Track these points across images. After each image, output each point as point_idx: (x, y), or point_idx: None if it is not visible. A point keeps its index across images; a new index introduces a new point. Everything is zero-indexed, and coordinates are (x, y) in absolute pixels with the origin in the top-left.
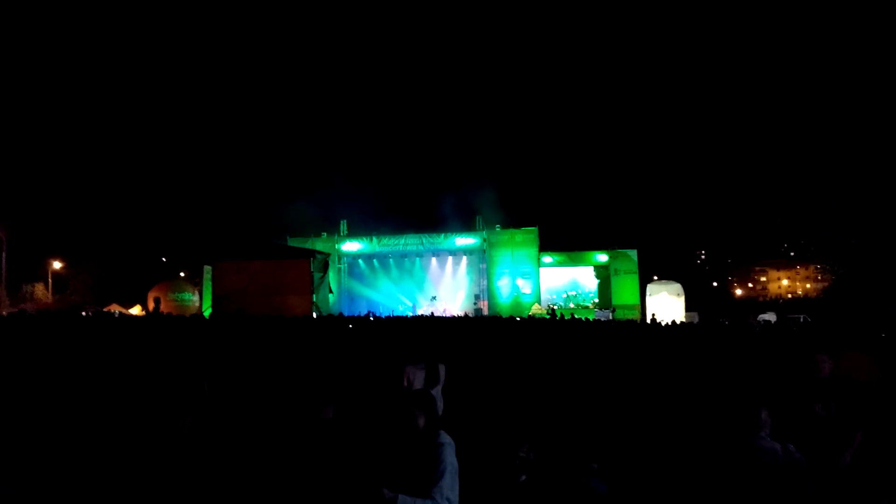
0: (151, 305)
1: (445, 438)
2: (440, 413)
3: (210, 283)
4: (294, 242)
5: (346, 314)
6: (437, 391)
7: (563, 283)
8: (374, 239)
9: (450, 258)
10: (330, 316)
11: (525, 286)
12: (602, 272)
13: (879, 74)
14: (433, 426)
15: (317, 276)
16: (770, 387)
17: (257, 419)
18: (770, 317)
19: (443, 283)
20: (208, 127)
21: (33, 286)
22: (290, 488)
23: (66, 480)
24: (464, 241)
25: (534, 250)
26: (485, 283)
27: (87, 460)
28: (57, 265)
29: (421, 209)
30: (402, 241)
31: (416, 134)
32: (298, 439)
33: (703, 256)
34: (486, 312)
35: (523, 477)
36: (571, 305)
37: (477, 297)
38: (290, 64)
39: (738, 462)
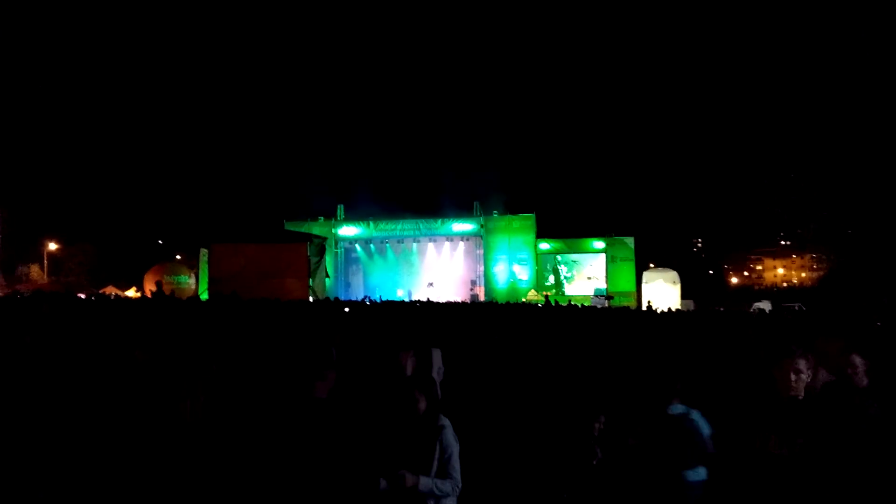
0: (153, 288)
1: (445, 421)
2: (439, 397)
3: (206, 265)
4: (290, 226)
5: (342, 298)
6: (432, 375)
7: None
8: (371, 224)
9: (447, 243)
10: (326, 300)
11: (521, 272)
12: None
13: (877, 67)
14: (433, 409)
15: (313, 260)
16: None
17: (251, 400)
18: (765, 305)
19: (439, 268)
20: (206, 110)
21: (29, 267)
22: (283, 467)
23: (67, 464)
24: (461, 226)
25: (531, 237)
26: (481, 268)
27: (87, 443)
28: (52, 246)
29: (418, 194)
30: (399, 225)
31: (415, 119)
32: (291, 419)
33: (699, 244)
34: (482, 298)
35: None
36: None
37: (473, 282)
38: (290, 48)
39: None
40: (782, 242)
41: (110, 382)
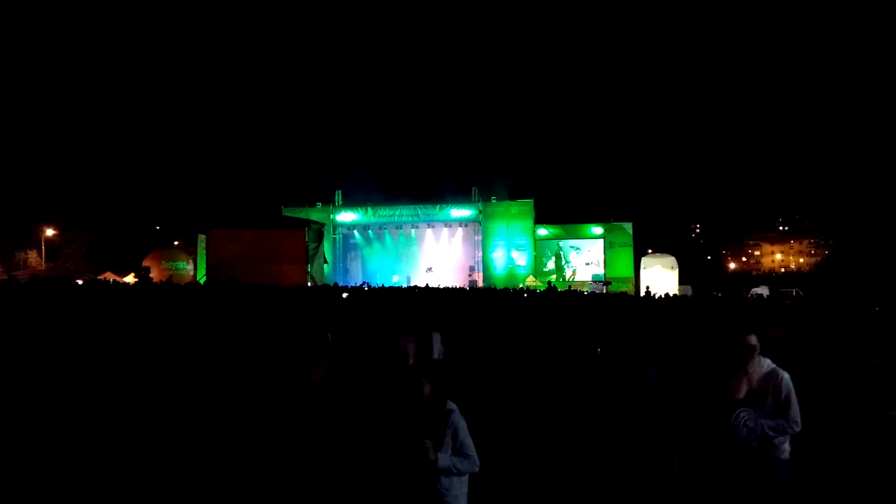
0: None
1: (452, 405)
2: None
3: (204, 251)
4: (289, 212)
5: (340, 284)
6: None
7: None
8: (370, 209)
9: (445, 229)
10: (325, 286)
11: (520, 258)
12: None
13: (873, 53)
14: (439, 394)
15: (311, 246)
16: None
17: (237, 380)
18: (763, 290)
19: (438, 254)
20: (204, 97)
21: (26, 253)
22: (272, 446)
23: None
24: (459, 212)
25: (529, 222)
26: (480, 254)
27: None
28: (50, 232)
29: (417, 180)
30: (398, 211)
31: (413, 105)
32: (284, 400)
33: (697, 230)
34: (480, 284)
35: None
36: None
37: (472, 268)
38: (288, 35)
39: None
40: (780, 228)
41: (96, 363)
